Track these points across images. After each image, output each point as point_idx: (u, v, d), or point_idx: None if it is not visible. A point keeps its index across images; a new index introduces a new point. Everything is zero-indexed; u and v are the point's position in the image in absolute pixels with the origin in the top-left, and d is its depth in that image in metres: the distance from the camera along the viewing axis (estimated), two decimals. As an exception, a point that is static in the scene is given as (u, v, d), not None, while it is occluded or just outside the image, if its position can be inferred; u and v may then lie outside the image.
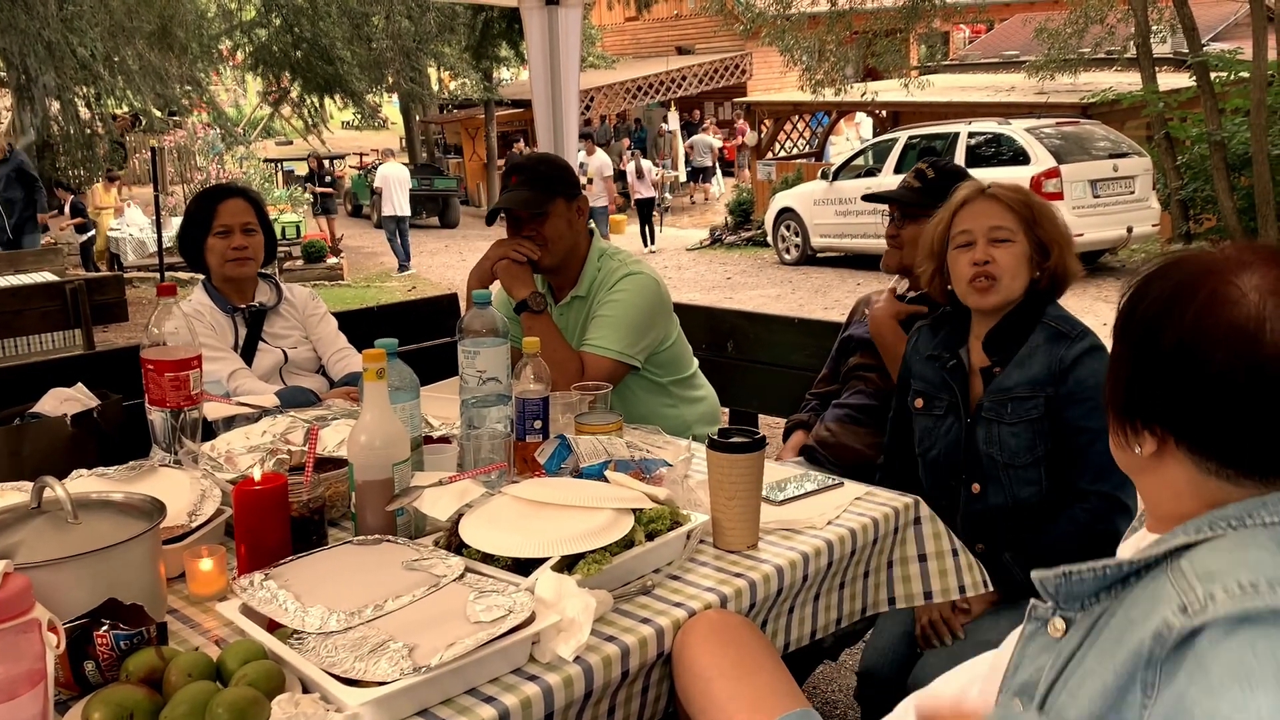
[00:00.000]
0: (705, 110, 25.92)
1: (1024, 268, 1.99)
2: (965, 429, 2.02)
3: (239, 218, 2.72)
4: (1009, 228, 1.98)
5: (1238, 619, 0.83)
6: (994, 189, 2.04)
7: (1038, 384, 1.94)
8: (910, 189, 2.45)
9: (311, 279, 13.47)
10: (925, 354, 2.15)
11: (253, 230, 2.74)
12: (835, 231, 12.60)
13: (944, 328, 2.15)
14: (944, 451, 2.05)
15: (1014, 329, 2.00)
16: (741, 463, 1.61)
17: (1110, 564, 1.00)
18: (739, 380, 3.08)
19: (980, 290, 1.99)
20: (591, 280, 2.56)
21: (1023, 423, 1.94)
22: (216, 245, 2.70)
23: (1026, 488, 1.96)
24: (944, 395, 2.08)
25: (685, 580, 1.54)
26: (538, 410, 1.99)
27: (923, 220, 2.41)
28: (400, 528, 1.62)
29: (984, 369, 2.03)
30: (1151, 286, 1.01)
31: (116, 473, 1.68)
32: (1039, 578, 1.05)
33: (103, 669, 1.22)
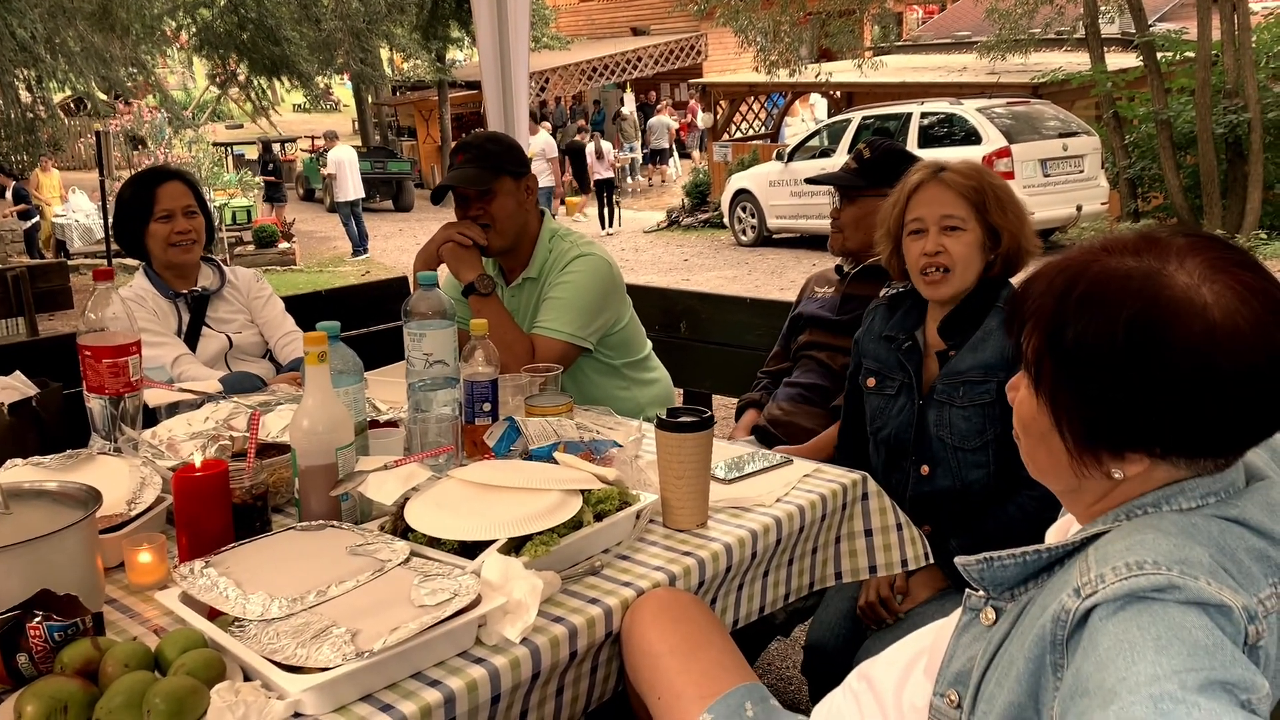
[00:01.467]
0: (661, 91, 25.85)
1: (976, 256, 1.98)
2: (917, 410, 2.03)
3: (180, 201, 2.66)
4: (960, 216, 1.97)
5: (1124, 597, 0.86)
6: (947, 173, 2.02)
7: (990, 368, 1.95)
8: (848, 171, 2.45)
9: (263, 264, 13.29)
10: (880, 334, 2.15)
11: (194, 213, 2.68)
12: (790, 213, 12.65)
13: (901, 307, 2.15)
14: (895, 432, 2.06)
15: (970, 313, 2.01)
16: (689, 442, 1.60)
17: (1030, 551, 1.01)
18: (692, 361, 3.08)
19: (932, 282, 1.99)
20: (543, 262, 2.54)
21: (973, 406, 1.95)
22: (159, 231, 2.65)
23: (975, 471, 1.97)
24: (897, 375, 2.08)
25: (634, 560, 1.54)
26: (486, 393, 1.97)
27: (860, 201, 2.43)
28: (345, 513, 1.60)
29: (939, 352, 2.03)
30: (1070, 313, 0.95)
31: (53, 461, 1.64)
32: (962, 563, 1.07)
33: (36, 661, 1.19)
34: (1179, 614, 0.83)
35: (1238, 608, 0.84)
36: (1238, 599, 0.85)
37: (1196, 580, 0.85)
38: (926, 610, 1.96)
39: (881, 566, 1.84)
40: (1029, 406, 1.03)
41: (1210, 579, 0.85)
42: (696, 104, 22.49)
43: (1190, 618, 0.83)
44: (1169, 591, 0.85)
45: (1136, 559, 0.88)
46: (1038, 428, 1.02)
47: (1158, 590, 0.85)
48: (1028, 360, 1.01)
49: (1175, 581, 0.85)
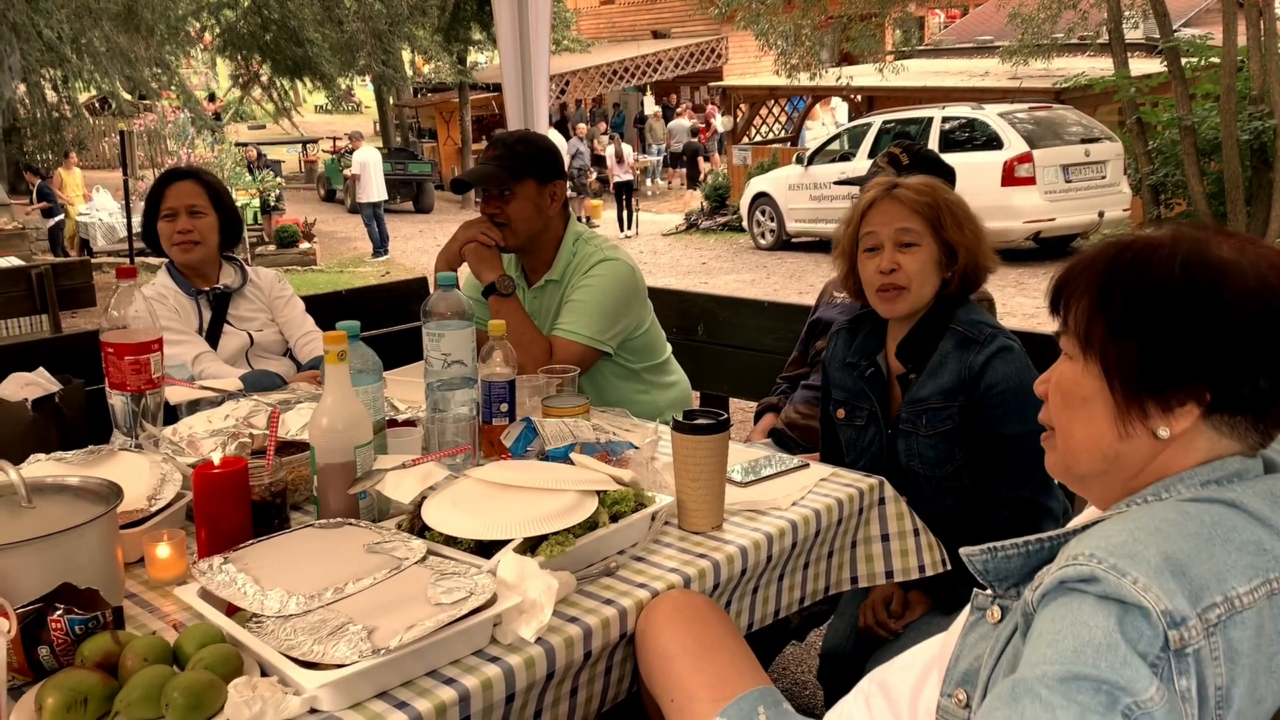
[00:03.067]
0: (681, 95, 25.86)
1: (932, 273, 1.96)
2: (887, 440, 2.01)
3: (184, 200, 2.69)
4: (915, 230, 1.94)
5: (1056, 586, 0.88)
6: (900, 190, 1.98)
7: (949, 393, 1.92)
8: None
9: (284, 264, 13.37)
10: (842, 360, 2.12)
11: (200, 213, 2.70)
12: (810, 216, 12.62)
13: (860, 331, 2.12)
14: (869, 462, 2.03)
15: (926, 334, 1.98)
16: (705, 444, 1.61)
17: (1034, 540, 1.02)
18: (710, 364, 3.08)
19: (888, 300, 1.97)
20: (566, 264, 2.54)
21: (938, 434, 1.93)
22: (164, 229, 2.68)
23: (950, 497, 1.96)
24: (864, 405, 2.05)
25: (649, 561, 1.54)
26: (504, 393, 1.98)
27: None
28: (363, 511, 1.61)
29: (900, 376, 2.01)
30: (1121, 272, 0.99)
31: (74, 457, 1.66)
32: (967, 554, 1.07)
33: (57, 654, 1.20)
34: (1089, 609, 0.85)
35: (1157, 611, 0.83)
36: (1165, 603, 0.84)
37: (1122, 577, 0.85)
38: (925, 625, 1.95)
39: (898, 572, 1.84)
40: (1070, 375, 1.04)
41: (1142, 577, 0.85)
42: (715, 107, 22.48)
43: (1096, 614, 0.84)
44: (1090, 584, 0.86)
45: (1083, 549, 0.89)
46: (1080, 393, 1.03)
47: (1081, 580, 0.87)
48: (1074, 329, 1.03)
49: (1098, 574, 0.86)
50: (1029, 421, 1.22)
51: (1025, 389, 1.83)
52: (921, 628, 1.94)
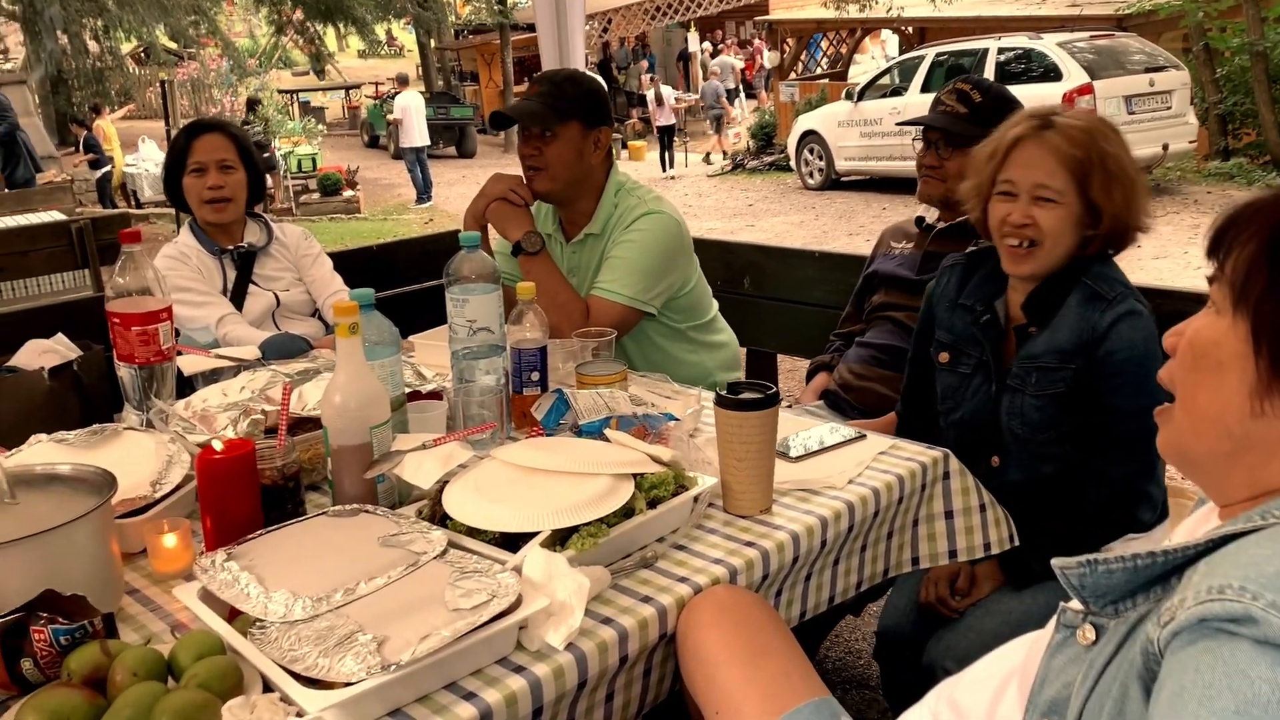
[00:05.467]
0: (726, 30, 25.25)
1: (1069, 232, 1.76)
2: (992, 394, 1.84)
3: (214, 154, 2.55)
4: (1056, 189, 1.74)
5: (1194, 625, 0.72)
6: (1053, 134, 1.76)
7: (1066, 354, 1.74)
8: (954, 115, 2.23)
9: (328, 212, 13.33)
10: (954, 300, 1.95)
11: (230, 168, 2.57)
12: (860, 154, 12.26)
13: (979, 270, 1.94)
14: (969, 415, 1.88)
15: (1056, 288, 1.80)
16: (752, 421, 1.46)
17: (1143, 555, 0.85)
18: (756, 319, 2.92)
19: (1015, 256, 1.79)
20: (607, 218, 2.38)
21: (1046, 396, 1.76)
22: (192, 185, 2.55)
23: (1047, 464, 1.79)
24: (973, 352, 1.89)
25: (691, 550, 1.41)
26: (535, 361, 1.85)
27: (971, 150, 2.22)
28: (382, 495, 1.49)
29: (1019, 327, 1.84)
30: None
31: (77, 438, 1.56)
32: (1060, 566, 0.91)
33: (42, 667, 1.10)
34: (1246, 657, 0.68)
35: None
36: None
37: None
38: (993, 604, 1.81)
39: (963, 551, 1.69)
40: (1210, 331, 0.88)
41: None
42: (762, 44, 21.91)
43: (1257, 664, 0.68)
44: (1244, 624, 0.69)
45: (1226, 579, 0.72)
46: (1217, 355, 0.87)
47: (1232, 621, 0.70)
48: (1229, 277, 0.87)
49: (1254, 613, 0.69)
50: (1147, 395, 1.06)
51: (1148, 360, 1.66)
52: (989, 606, 1.80)
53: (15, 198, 7.83)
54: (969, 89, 2.24)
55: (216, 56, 19.14)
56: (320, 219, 12.79)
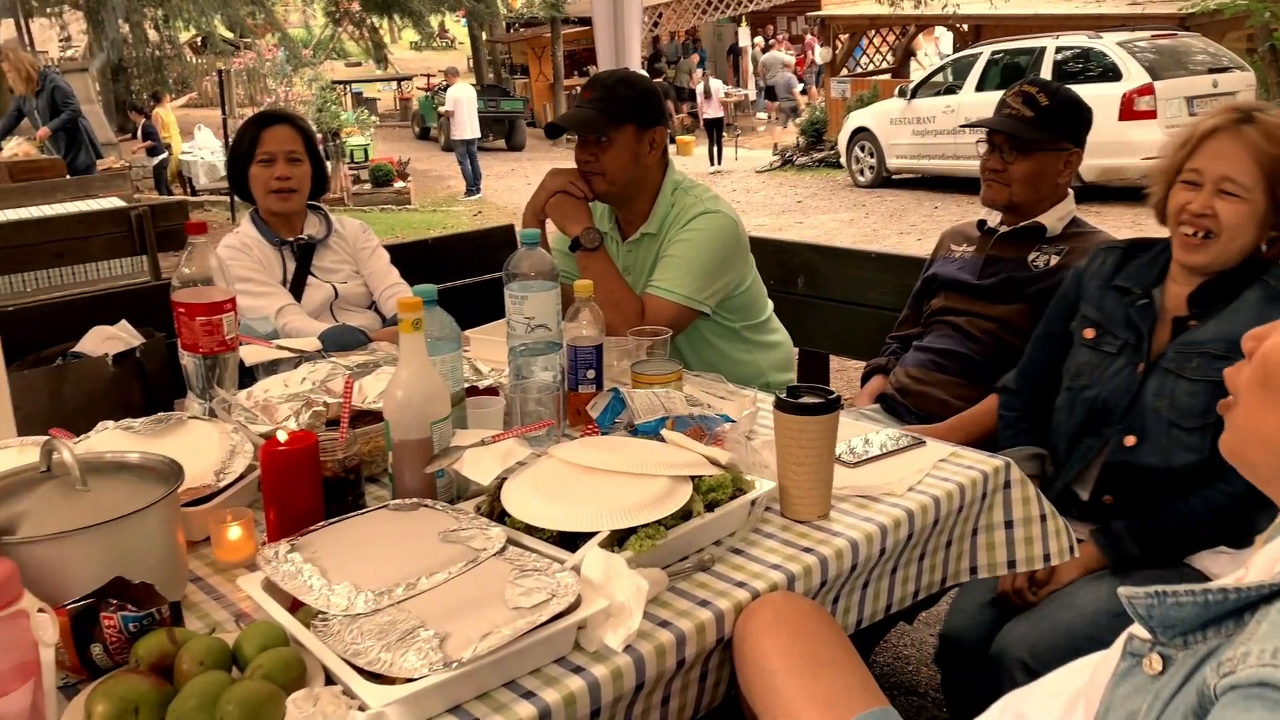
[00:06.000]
0: (778, 25, 25.09)
1: (1250, 229, 1.72)
2: (1138, 375, 1.82)
3: (283, 145, 2.58)
4: (1244, 184, 1.70)
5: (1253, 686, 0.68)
6: (1251, 129, 1.72)
7: (1235, 344, 1.71)
8: (1020, 118, 2.19)
9: (379, 203, 13.44)
10: (1107, 281, 1.92)
11: (298, 159, 2.60)
12: (912, 152, 12.12)
13: (1138, 256, 1.91)
14: (1106, 394, 1.85)
15: (1231, 285, 1.76)
16: (812, 425, 1.44)
17: (1215, 590, 0.82)
18: (810, 319, 2.89)
19: (1189, 246, 1.75)
20: (664, 216, 2.37)
21: (1205, 382, 1.72)
22: (259, 175, 2.58)
23: (1186, 454, 1.75)
24: (1121, 333, 1.87)
25: (748, 555, 1.40)
26: (590, 359, 1.85)
27: (1037, 155, 2.18)
28: (441, 490, 1.50)
29: (1177, 318, 1.81)
30: None
31: (142, 426, 1.58)
32: (1128, 595, 0.88)
33: (111, 652, 1.12)
34: None
35: None
36: None
37: None
38: (1069, 595, 1.78)
39: (1021, 561, 1.66)
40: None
41: None
42: (814, 39, 21.75)
43: None
44: None
45: None
46: None
47: None
48: None
49: None
50: None
51: None
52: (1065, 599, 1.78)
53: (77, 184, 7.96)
54: (1035, 92, 2.20)
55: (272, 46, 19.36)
56: (371, 209, 12.91)
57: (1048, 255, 2.21)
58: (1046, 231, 2.24)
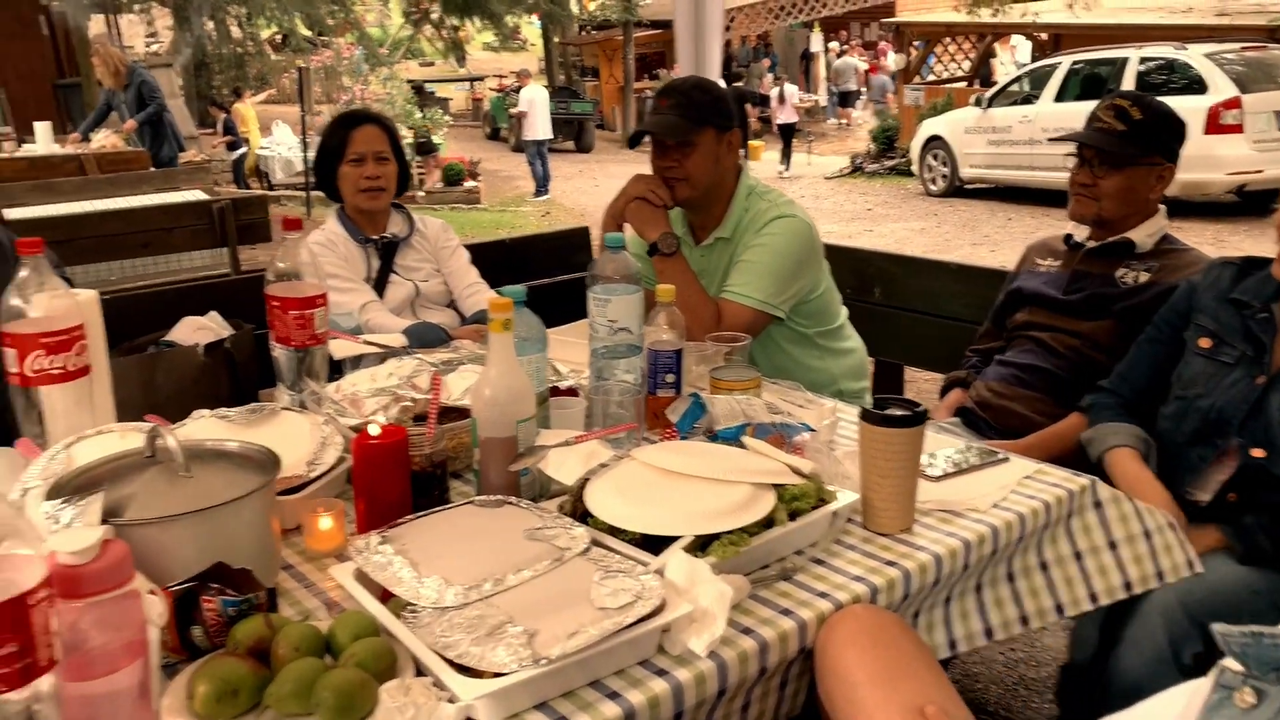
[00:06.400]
0: (851, 31, 24.90)
1: None
2: (1258, 388, 1.80)
3: (372, 145, 2.64)
4: None
5: None
6: None
7: None
8: (1111, 132, 2.15)
9: (450, 201, 13.61)
10: (1224, 293, 1.91)
11: (385, 159, 2.66)
12: (987, 162, 11.95)
13: (1257, 270, 1.89)
14: (1222, 404, 1.83)
15: None
16: (899, 438, 1.44)
17: None
18: (885, 329, 2.87)
19: None
20: (738, 221, 2.38)
21: None
22: (349, 173, 2.64)
23: None
24: (1239, 345, 1.85)
25: (830, 565, 1.39)
26: (671, 363, 1.85)
27: (1128, 170, 2.14)
28: (524, 488, 1.52)
29: None
30: None
31: (238, 415, 1.62)
32: (1223, 633, 0.86)
33: (210, 634, 1.16)
34: None
35: None
36: None
37: None
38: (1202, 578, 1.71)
39: (1136, 581, 1.61)
40: None
41: None
42: (888, 45, 21.55)
43: None
44: None
45: None
46: None
47: None
48: None
49: None
50: None
51: None
52: None
53: (161, 176, 8.19)
54: (1127, 105, 2.16)
55: (349, 45, 19.70)
56: (441, 208, 13.08)
57: (1137, 272, 2.17)
58: (1136, 247, 2.20)
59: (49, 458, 1.46)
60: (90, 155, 8.27)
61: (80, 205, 6.43)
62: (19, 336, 1.53)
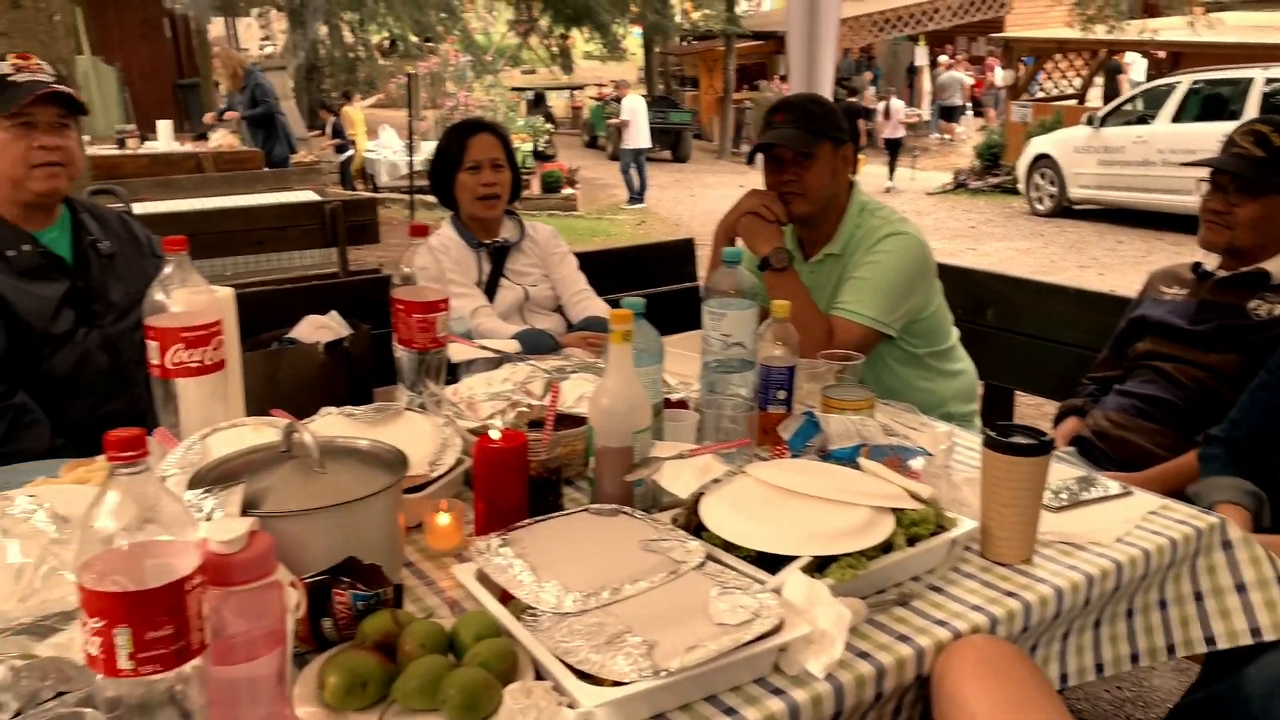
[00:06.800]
0: (957, 45, 24.48)
1: None
2: None
3: (488, 153, 2.70)
4: None
5: None
6: None
7: None
8: (1249, 158, 2.08)
9: (548, 208, 13.78)
10: None
11: (501, 166, 2.72)
12: (1098, 183, 11.62)
13: None
14: None
15: None
16: (1024, 467, 1.41)
17: None
18: (997, 352, 2.81)
19: None
20: (849, 237, 2.37)
21: None
22: (467, 181, 2.70)
23: None
24: None
25: (947, 593, 1.37)
26: (783, 380, 1.85)
27: (1266, 198, 2.06)
28: (637, 498, 1.53)
29: None
30: None
31: (363, 414, 1.67)
32: None
33: (339, 627, 1.19)
34: None
35: None
36: None
37: None
38: None
39: (1266, 628, 1.54)
40: None
41: None
42: (995, 60, 21.11)
43: None
44: None
45: None
46: None
47: None
48: None
49: None
50: None
51: None
52: None
53: (275, 175, 8.47)
54: (1269, 131, 2.08)
55: (455, 52, 20.10)
56: (539, 214, 13.26)
57: (1271, 304, 2.09)
58: (1271, 279, 2.12)
59: (186, 448, 1.53)
60: (208, 154, 8.61)
61: (198, 202, 6.69)
62: (161, 330, 1.60)
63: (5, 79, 1.99)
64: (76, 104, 2.08)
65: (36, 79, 2.00)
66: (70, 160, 2.07)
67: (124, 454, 0.90)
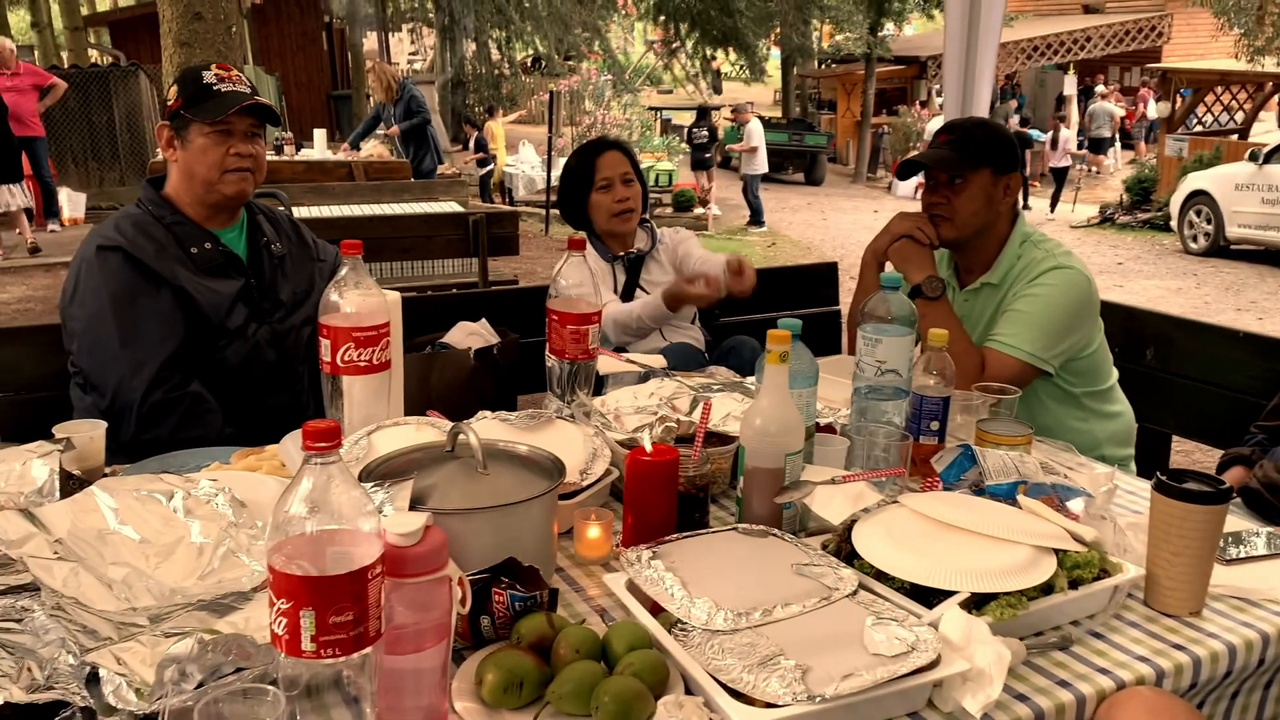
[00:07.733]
0: (1109, 75, 23.63)
1: None
2: None
3: (618, 169, 2.76)
4: None
5: None
6: None
7: None
8: None
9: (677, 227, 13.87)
10: None
11: (630, 180, 2.77)
12: (1260, 222, 11.01)
13: None
14: None
15: None
16: (1199, 516, 1.34)
17: None
18: (1155, 394, 2.69)
19: None
20: (1009, 268, 2.30)
21: None
22: (601, 200, 2.76)
23: None
24: None
25: (1110, 641, 1.32)
26: (936, 410, 1.81)
27: None
28: (786, 521, 1.52)
29: None
30: None
31: (517, 420, 1.71)
32: None
33: (496, 626, 1.22)
34: None
35: None
36: None
37: None
38: None
39: None
40: None
41: None
42: (1149, 91, 20.29)
43: None
44: None
45: None
46: None
47: None
48: None
49: None
50: None
51: None
52: None
53: (421, 186, 8.77)
54: None
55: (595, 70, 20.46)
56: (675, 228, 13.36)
57: None
58: None
59: (352, 442, 1.59)
60: (359, 162, 8.97)
61: (350, 208, 6.96)
62: (334, 329, 1.68)
63: (211, 88, 2.12)
64: (273, 114, 2.20)
65: (237, 90, 2.13)
66: (259, 167, 2.19)
67: (320, 444, 0.94)
